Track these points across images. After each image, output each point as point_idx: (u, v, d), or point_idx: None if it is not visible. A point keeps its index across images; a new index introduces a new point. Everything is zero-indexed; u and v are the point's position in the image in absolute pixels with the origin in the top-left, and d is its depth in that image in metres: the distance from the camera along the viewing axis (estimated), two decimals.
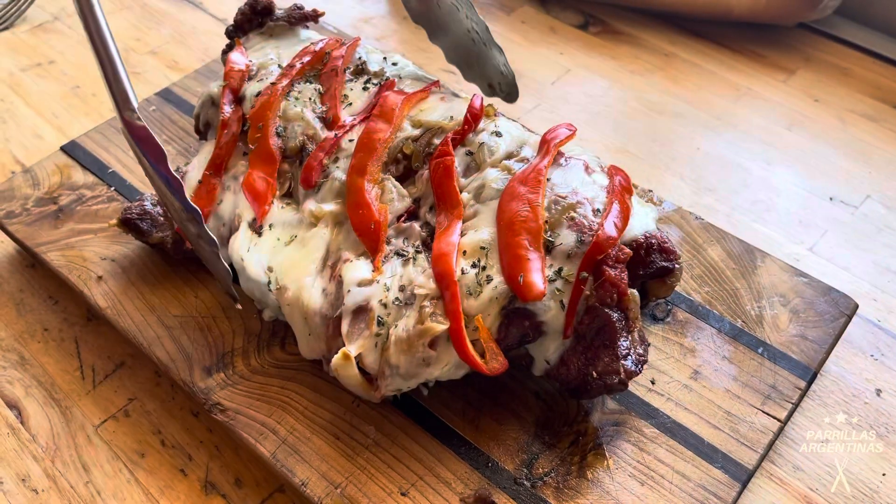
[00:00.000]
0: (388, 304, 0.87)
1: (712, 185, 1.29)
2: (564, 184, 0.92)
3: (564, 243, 0.86)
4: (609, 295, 0.84)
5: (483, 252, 0.88)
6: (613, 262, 0.85)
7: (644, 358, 0.86)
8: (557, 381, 0.88)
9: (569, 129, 0.98)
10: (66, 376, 1.06)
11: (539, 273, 0.84)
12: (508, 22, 1.63)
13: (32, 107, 1.45)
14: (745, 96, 1.45)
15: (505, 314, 0.86)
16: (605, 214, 0.88)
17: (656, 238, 0.91)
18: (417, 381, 0.87)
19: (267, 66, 1.13)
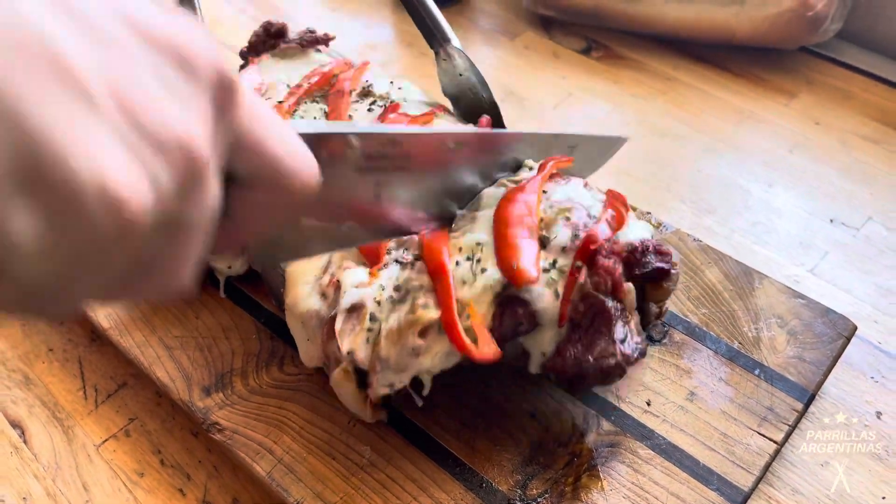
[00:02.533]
0: (381, 301, 0.88)
1: (713, 206, 1.30)
2: (562, 194, 0.93)
3: (559, 238, 0.87)
4: (604, 281, 0.84)
5: (479, 247, 0.89)
6: (608, 253, 0.86)
7: (642, 347, 0.86)
8: (554, 374, 0.88)
9: (566, 157, 0.99)
10: (69, 396, 1.07)
11: (533, 260, 0.85)
12: (512, 47, 1.65)
13: None
14: (747, 119, 1.46)
15: (499, 302, 0.86)
16: (599, 217, 0.90)
17: (651, 242, 0.91)
18: (409, 374, 0.86)
19: (275, 86, 1.16)
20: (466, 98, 1.20)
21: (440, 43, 1.17)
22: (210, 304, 1.10)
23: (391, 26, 1.73)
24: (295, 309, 0.94)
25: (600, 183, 1.13)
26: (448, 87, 1.21)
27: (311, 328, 0.93)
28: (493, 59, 1.63)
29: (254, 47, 1.27)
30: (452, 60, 1.18)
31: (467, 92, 1.19)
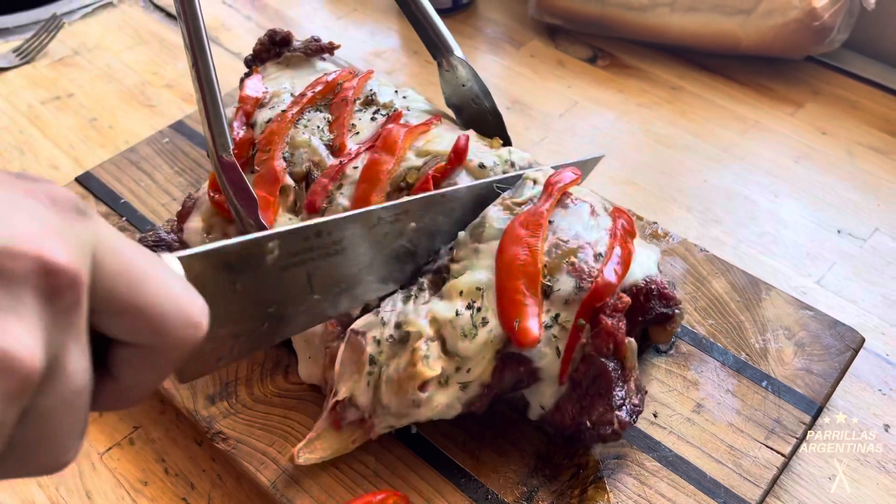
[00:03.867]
0: (381, 340, 0.88)
1: (719, 217, 1.29)
2: (567, 227, 0.92)
3: (563, 289, 0.86)
4: (605, 345, 0.84)
5: (479, 293, 0.88)
6: (611, 311, 0.85)
7: (639, 409, 0.86)
8: (552, 427, 0.88)
9: (574, 173, 0.99)
10: None
11: (535, 319, 0.85)
12: (517, 56, 1.65)
13: (50, 138, 1.49)
14: (753, 129, 1.45)
15: (500, 358, 0.86)
16: (606, 260, 0.88)
17: (656, 284, 0.91)
18: (409, 420, 0.87)
19: (280, 94, 1.16)
20: (469, 108, 1.19)
21: (443, 53, 1.17)
22: None
23: (397, 34, 1.73)
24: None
25: (606, 193, 1.13)
26: (451, 97, 1.20)
27: (315, 346, 0.93)
28: (498, 67, 1.62)
29: (258, 55, 1.26)
30: (455, 71, 1.17)
31: (470, 102, 1.19)
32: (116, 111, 1.54)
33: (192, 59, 0.97)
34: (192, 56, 0.97)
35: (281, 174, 1.05)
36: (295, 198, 1.05)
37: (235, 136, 1.11)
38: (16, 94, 1.59)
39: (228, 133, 0.98)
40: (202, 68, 0.96)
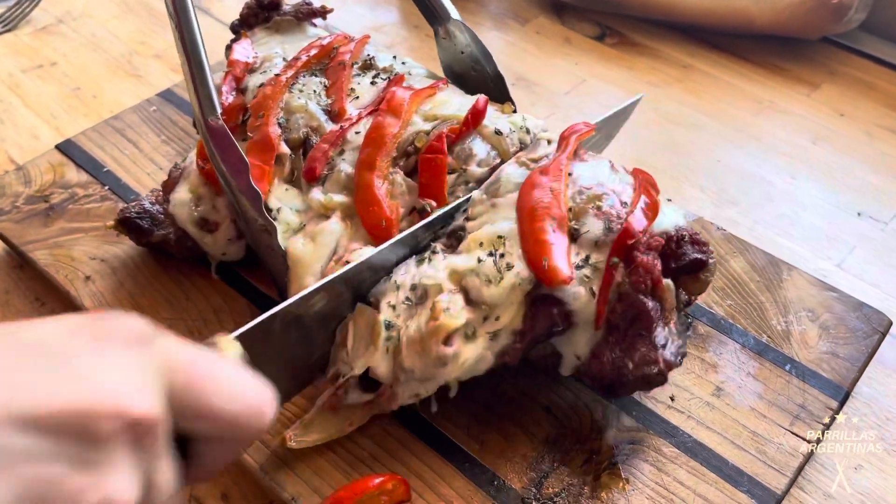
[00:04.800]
0: (397, 305, 0.81)
1: (734, 197, 1.23)
2: (589, 177, 0.86)
3: (591, 231, 0.81)
4: (643, 280, 0.78)
5: (501, 241, 0.82)
6: (645, 249, 0.79)
7: (684, 350, 0.80)
8: (589, 378, 0.82)
9: (586, 125, 0.93)
10: None
11: (564, 257, 0.79)
12: (523, 32, 1.59)
13: (31, 108, 1.41)
14: (768, 109, 1.39)
15: (530, 301, 0.79)
16: (633, 204, 0.83)
17: (687, 231, 0.85)
18: (436, 384, 0.81)
19: (271, 59, 1.09)
20: (470, 76, 1.13)
21: (439, 20, 1.10)
22: (201, 284, 1.03)
23: (396, 8, 1.67)
24: None
25: None
26: (450, 66, 1.14)
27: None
28: (502, 44, 1.56)
29: (245, 20, 1.20)
30: (453, 38, 1.11)
31: (470, 70, 1.12)
32: (101, 81, 1.47)
33: (176, 19, 0.90)
34: (175, 15, 0.90)
35: (276, 141, 0.98)
36: (292, 166, 0.98)
37: (224, 101, 1.04)
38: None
39: (216, 96, 0.91)
40: (185, 28, 0.90)
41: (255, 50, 1.13)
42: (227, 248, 1.01)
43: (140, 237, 1.02)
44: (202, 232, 0.99)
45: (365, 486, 0.79)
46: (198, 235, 0.99)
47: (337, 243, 0.90)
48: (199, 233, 0.99)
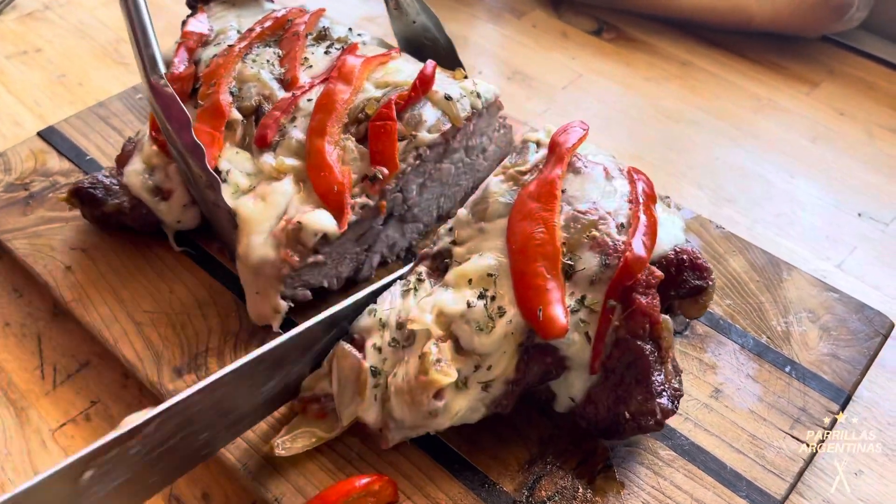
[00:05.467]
0: (382, 347, 0.79)
1: (732, 195, 1.21)
2: (582, 195, 0.83)
3: (587, 267, 0.77)
4: (641, 326, 0.75)
5: (491, 280, 0.79)
6: (644, 289, 0.76)
7: (680, 392, 0.77)
8: (583, 421, 0.79)
9: (581, 127, 0.90)
10: (25, 375, 0.96)
11: (559, 305, 0.75)
12: (519, 26, 1.56)
13: (14, 94, 1.37)
14: (767, 107, 1.37)
15: (524, 350, 0.77)
16: (632, 231, 0.79)
17: (687, 253, 0.82)
18: (426, 430, 0.79)
19: (226, 31, 1.10)
20: (424, 46, 1.13)
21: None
22: (184, 276, 0.99)
23: None
24: (248, 258, 0.86)
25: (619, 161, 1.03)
26: (404, 38, 1.15)
27: (264, 279, 0.85)
28: (498, 36, 1.53)
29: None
30: (403, 8, 1.12)
31: (422, 38, 1.12)
32: (87, 68, 1.43)
33: None
34: None
35: (227, 108, 0.98)
36: (244, 132, 0.98)
37: (175, 70, 1.03)
38: None
39: (160, 57, 0.92)
40: None
41: (211, 23, 1.13)
42: (182, 214, 0.99)
43: (93, 208, 0.99)
44: (156, 199, 0.98)
45: (351, 486, 0.76)
46: (152, 203, 0.98)
47: (287, 205, 0.90)
48: (153, 200, 0.98)
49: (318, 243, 0.89)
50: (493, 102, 1.04)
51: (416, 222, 1.04)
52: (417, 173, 0.98)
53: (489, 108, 1.03)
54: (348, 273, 0.98)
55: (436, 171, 1.01)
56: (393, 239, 1.02)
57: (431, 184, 1.02)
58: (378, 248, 1.00)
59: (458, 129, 0.99)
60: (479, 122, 1.03)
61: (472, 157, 1.06)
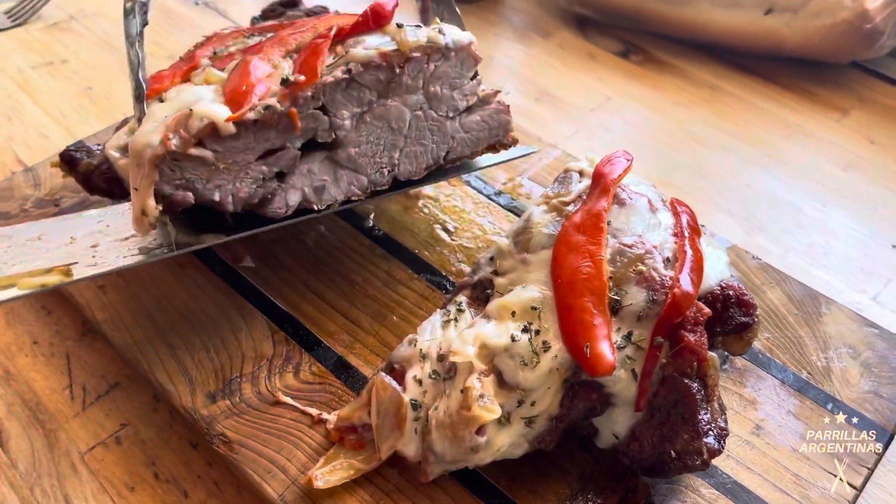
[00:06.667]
0: (423, 379, 0.78)
1: (764, 224, 1.20)
2: (627, 228, 0.82)
3: (634, 303, 0.76)
4: (688, 364, 0.74)
5: (535, 313, 0.77)
6: (692, 326, 0.75)
7: (725, 431, 0.76)
8: (627, 458, 0.78)
9: (626, 158, 0.89)
10: (54, 395, 0.95)
11: (607, 341, 0.74)
12: (546, 46, 1.55)
13: (40, 105, 1.37)
14: (797, 134, 1.36)
15: (568, 386, 0.76)
16: (679, 266, 0.78)
17: (734, 289, 0.81)
18: (467, 465, 0.77)
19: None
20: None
21: None
22: (217, 298, 0.98)
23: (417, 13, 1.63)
24: (133, 145, 0.82)
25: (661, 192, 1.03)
26: None
27: (143, 170, 0.81)
28: (524, 57, 1.53)
29: (265, 15, 1.19)
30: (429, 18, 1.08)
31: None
32: (114, 81, 1.43)
33: None
34: None
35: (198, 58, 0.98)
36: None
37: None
38: (5, 57, 1.47)
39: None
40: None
41: None
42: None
43: (72, 168, 0.99)
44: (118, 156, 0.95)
45: None
46: (113, 158, 0.95)
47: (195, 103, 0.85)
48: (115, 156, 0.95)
49: (205, 135, 0.81)
50: (465, 48, 0.93)
51: (355, 171, 0.93)
52: (350, 97, 0.88)
53: (457, 53, 0.93)
54: (248, 194, 0.86)
55: (380, 105, 0.91)
56: (319, 179, 0.91)
57: (375, 122, 0.91)
58: (297, 182, 0.89)
59: (407, 58, 0.89)
60: (443, 65, 0.93)
61: (440, 113, 0.95)
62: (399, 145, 0.94)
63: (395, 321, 0.97)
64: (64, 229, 0.94)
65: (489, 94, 0.98)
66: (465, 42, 0.93)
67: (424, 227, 1.09)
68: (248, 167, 0.85)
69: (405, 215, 1.10)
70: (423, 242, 1.06)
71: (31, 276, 0.85)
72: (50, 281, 0.85)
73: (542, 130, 1.34)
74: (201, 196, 0.84)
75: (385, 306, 0.98)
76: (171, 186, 0.82)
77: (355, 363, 0.92)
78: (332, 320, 0.97)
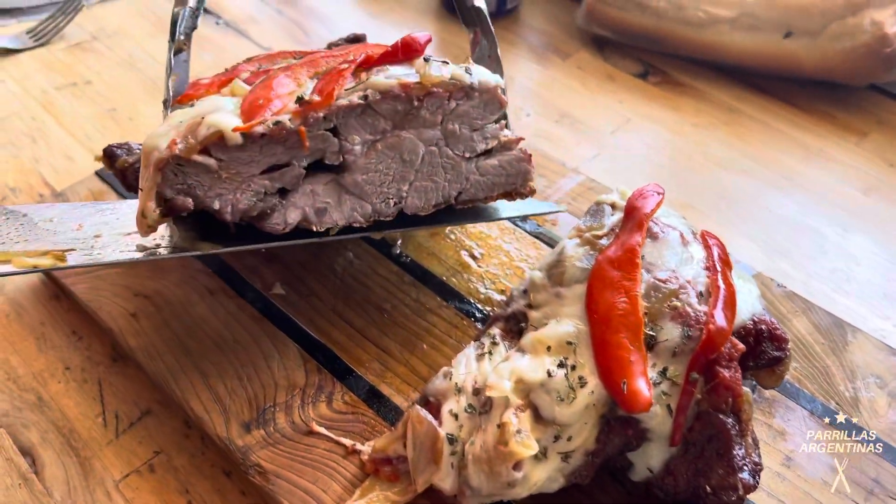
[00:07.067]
0: (459, 413, 0.79)
1: (785, 249, 1.21)
2: (661, 262, 0.83)
3: (669, 339, 0.77)
4: (724, 399, 0.75)
5: (571, 348, 0.78)
6: (727, 361, 0.76)
7: (760, 466, 0.77)
8: (661, 492, 0.79)
9: (657, 191, 0.90)
10: (87, 422, 0.96)
11: (643, 378, 0.75)
12: (564, 68, 1.56)
13: (65, 127, 1.38)
14: (816, 157, 1.37)
15: (604, 422, 0.77)
16: (713, 301, 0.79)
17: (766, 323, 0.82)
18: (503, 499, 0.78)
19: None
20: None
21: None
22: (249, 325, 0.99)
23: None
24: (144, 146, 0.84)
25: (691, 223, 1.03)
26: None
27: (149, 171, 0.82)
28: (543, 77, 1.54)
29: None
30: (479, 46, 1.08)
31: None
32: (137, 102, 1.44)
33: None
34: None
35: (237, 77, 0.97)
36: None
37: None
38: (29, 78, 1.48)
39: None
40: None
41: None
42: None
43: (111, 162, 1.00)
44: None
45: None
46: None
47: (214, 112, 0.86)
48: None
49: (212, 143, 0.82)
50: (490, 91, 0.92)
51: (360, 197, 0.91)
52: (364, 123, 0.88)
53: (482, 94, 0.92)
54: (247, 206, 0.86)
55: (393, 135, 0.90)
56: (322, 201, 0.90)
57: (386, 151, 0.90)
58: (298, 200, 0.89)
59: (428, 92, 0.88)
60: (465, 104, 0.91)
61: (456, 152, 0.94)
62: (409, 178, 0.93)
63: (426, 350, 0.98)
64: (77, 216, 0.98)
65: (511, 139, 0.96)
66: (491, 84, 0.92)
67: (451, 253, 1.10)
68: (251, 180, 0.86)
69: (431, 241, 1.11)
70: (451, 269, 1.07)
71: (28, 256, 0.88)
72: (43, 263, 0.88)
73: (563, 153, 1.35)
74: (201, 203, 0.85)
75: (415, 335, 0.99)
76: (172, 191, 0.83)
77: (387, 392, 0.93)
78: (363, 349, 0.97)
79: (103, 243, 0.93)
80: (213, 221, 0.88)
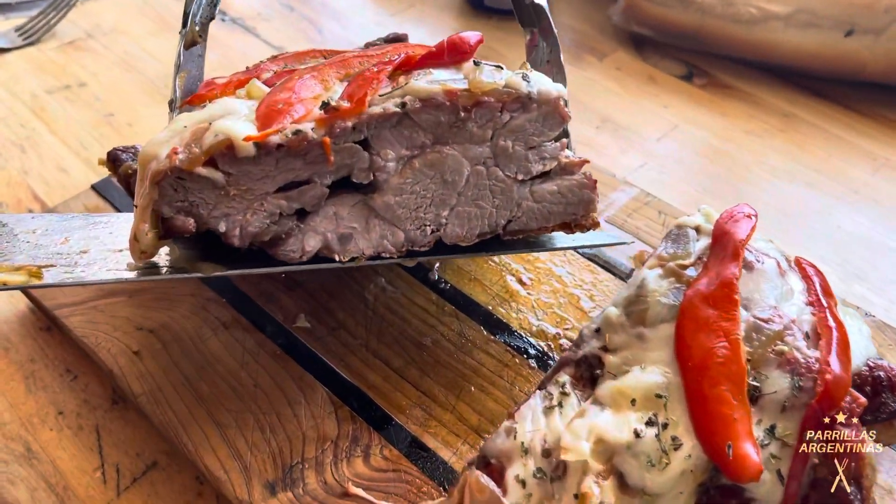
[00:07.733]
0: (526, 479, 0.66)
1: (862, 271, 1.09)
2: (759, 297, 0.71)
3: (777, 390, 0.65)
4: (846, 465, 0.63)
5: (660, 402, 0.66)
6: (848, 420, 0.64)
7: None
8: None
9: (749, 213, 0.78)
10: (84, 478, 0.83)
11: (750, 440, 0.63)
12: (602, 69, 1.44)
13: (58, 135, 1.25)
14: (884, 167, 1.25)
15: (703, 491, 0.64)
16: (826, 344, 0.67)
17: (884, 370, 0.70)
18: None
19: None
20: None
21: None
22: (269, 364, 0.87)
23: None
24: (141, 153, 0.72)
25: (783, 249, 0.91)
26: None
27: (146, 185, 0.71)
28: (580, 79, 1.42)
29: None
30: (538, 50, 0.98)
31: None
32: (136, 105, 1.31)
33: None
34: None
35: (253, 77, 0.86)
36: None
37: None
38: (17, 79, 1.35)
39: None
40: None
41: None
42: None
43: (115, 167, 0.87)
44: None
45: None
46: None
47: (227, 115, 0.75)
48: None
49: (219, 153, 0.70)
50: (551, 102, 0.80)
51: (391, 223, 0.80)
52: (399, 136, 0.76)
53: (541, 106, 0.79)
54: (259, 229, 0.75)
55: (434, 151, 0.78)
56: (347, 226, 0.78)
57: (425, 169, 0.78)
58: (319, 224, 0.77)
59: (477, 101, 0.76)
60: (520, 117, 0.79)
61: (507, 173, 0.81)
62: (450, 202, 0.80)
63: (474, 393, 0.85)
64: (64, 228, 0.85)
65: (574, 162, 0.83)
66: (552, 95, 0.80)
67: (496, 278, 0.97)
68: (264, 199, 0.74)
69: (472, 264, 0.99)
70: (497, 297, 0.95)
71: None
72: (13, 280, 0.75)
73: (608, 162, 1.23)
74: (205, 224, 0.73)
75: (461, 375, 0.87)
76: (171, 209, 0.71)
77: (432, 445, 0.80)
78: (403, 392, 0.85)
79: (89, 260, 0.80)
80: (217, 239, 0.76)
